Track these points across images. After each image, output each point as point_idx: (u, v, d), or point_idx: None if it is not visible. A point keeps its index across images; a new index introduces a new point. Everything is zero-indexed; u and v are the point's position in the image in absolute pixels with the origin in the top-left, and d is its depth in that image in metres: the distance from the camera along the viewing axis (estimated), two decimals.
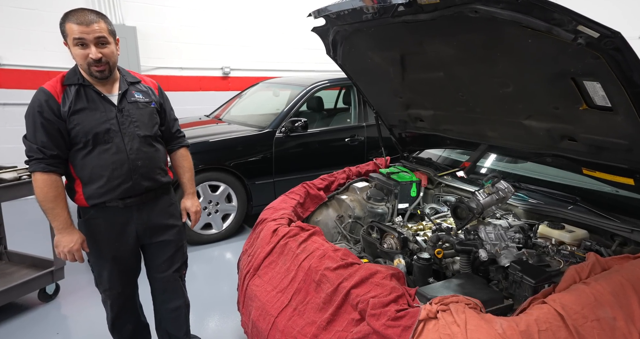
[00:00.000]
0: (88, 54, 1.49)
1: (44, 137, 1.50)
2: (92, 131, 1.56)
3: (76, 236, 1.60)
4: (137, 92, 1.71)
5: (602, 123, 1.38)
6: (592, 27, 1.04)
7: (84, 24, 1.46)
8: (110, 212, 1.66)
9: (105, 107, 1.60)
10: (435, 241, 1.59)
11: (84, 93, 1.57)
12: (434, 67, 1.72)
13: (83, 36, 1.46)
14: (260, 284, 1.73)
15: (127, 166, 1.62)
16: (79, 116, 1.54)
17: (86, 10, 1.50)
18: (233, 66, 7.07)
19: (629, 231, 1.50)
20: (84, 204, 1.64)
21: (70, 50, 1.52)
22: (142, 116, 1.69)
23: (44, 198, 1.53)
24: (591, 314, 1.09)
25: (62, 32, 1.51)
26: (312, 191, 2.24)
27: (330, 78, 4.68)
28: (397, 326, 1.16)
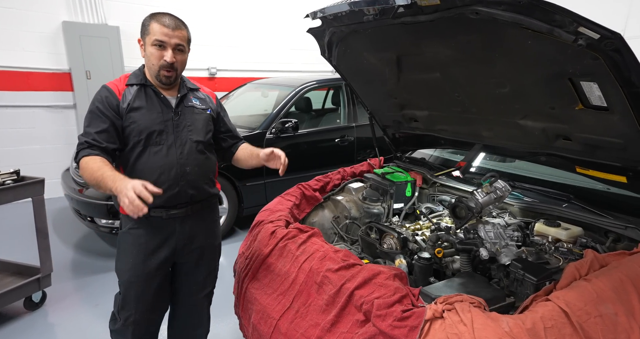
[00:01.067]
0: (163, 55, 1.49)
1: (98, 129, 1.48)
2: (146, 130, 1.53)
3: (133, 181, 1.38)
4: (195, 98, 1.69)
5: (597, 123, 1.41)
6: (592, 29, 1.06)
7: (169, 27, 1.48)
8: (152, 223, 1.58)
9: (162, 108, 1.58)
10: (435, 240, 1.60)
11: (144, 92, 1.56)
12: (430, 67, 1.74)
13: (164, 39, 1.47)
14: (259, 287, 1.72)
15: (175, 170, 1.56)
16: (136, 113, 1.52)
17: (173, 15, 1.53)
18: (220, 67, 7.02)
19: (622, 227, 1.53)
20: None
21: (145, 49, 1.52)
22: (196, 121, 1.65)
23: (91, 174, 1.41)
24: (594, 311, 1.11)
25: (144, 30, 1.51)
26: (308, 192, 2.23)
27: (319, 79, 4.67)
28: (403, 326, 1.16)
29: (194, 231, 1.67)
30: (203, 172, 1.66)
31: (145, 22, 1.51)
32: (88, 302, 2.79)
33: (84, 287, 3.00)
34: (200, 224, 1.69)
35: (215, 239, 1.79)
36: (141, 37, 1.53)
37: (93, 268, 3.28)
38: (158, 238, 1.59)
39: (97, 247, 3.68)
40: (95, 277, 3.14)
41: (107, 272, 3.20)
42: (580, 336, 1.06)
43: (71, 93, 5.19)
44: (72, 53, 5.01)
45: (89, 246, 3.73)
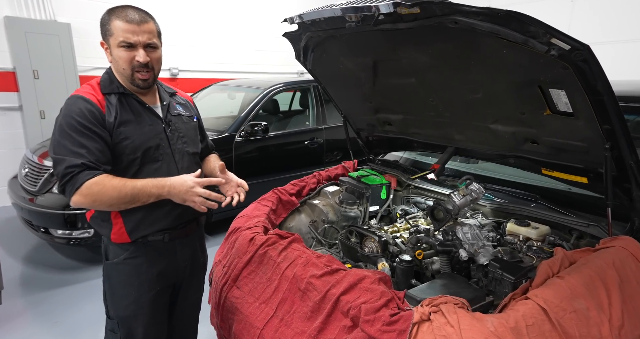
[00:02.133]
0: (134, 57, 1.30)
1: (90, 148, 1.25)
2: (143, 146, 1.35)
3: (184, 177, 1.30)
4: (178, 104, 1.55)
5: (563, 127, 1.50)
6: (564, 40, 1.12)
7: (134, 23, 1.28)
8: (152, 249, 1.43)
9: (151, 119, 1.41)
10: (415, 242, 1.63)
11: (126, 103, 1.37)
12: (406, 73, 1.77)
13: (132, 38, 1.28)
14: (240, 295, 1.68)
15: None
16: (127, 128, 1.33)
17: (135, 7, 1.31)
18: (182, 67, 6.83)
19: (585, 225, 1.63)
20: (124, 239, 1.39)
21: (112, 52, 1.32)
22: (188, 131, 1.53)
23: (116, 192, 1.23)
24: (569, 307, 1.17)
25: (105, 30, 1.31)
26: (284, 196, 2.22)
27: (287, 81, 4.66)
28: (392, 330, 1.18)
29: (193, 249, 1.57)
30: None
31: (104, 22, 1.31)
32: (45, 320, 2.62)
33: (39, 304, 2.80)
34: (197, 242, 1.60)
35: (204, 256, 1.71)
36: (103, 40, 1.34)
37: (48, 283, 3.07)
38: (160, 264, 1.46)
39: (52, 260, 3.45)
40: (51, 292, 2.94)
41: (65, 286, 3.01)
42: (558, 331, 1.11)
43: (16, 94, 4.84)
44: (16, 51, 4.68)
45: (42, 259, 3.48)
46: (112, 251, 1.43)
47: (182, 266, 1.52)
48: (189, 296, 1.62)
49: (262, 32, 7.67)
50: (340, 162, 2.56)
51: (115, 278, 1.43)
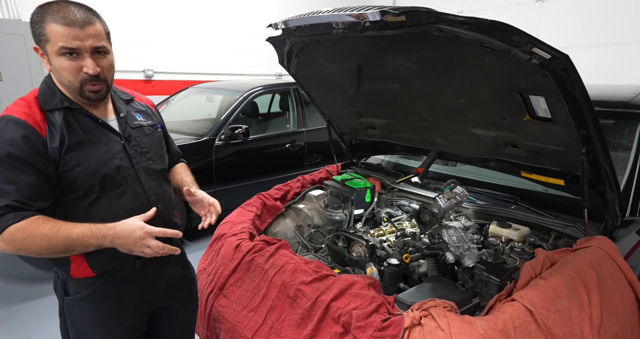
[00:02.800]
0: (82, 67, 1.09)
1: (19, 184, 1.05)
2: (100, 171, 1.16)
3: (131, 225, 1.11)
4: (137, 113, 1.35)
5: (542, 132, 1.55)
6: (545, 49, 1.16)
7: (75, 25, 1.05)
8: (122, 279, 1.25)
9: (107, 137, 1.21)
10: (402, 246, 1.65)
11: (74, 120, 1.15)
12: (390, 79, 1.79)
13: (75, 44, 1.06)
14: (227, 304, 1.66)
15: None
16: (79, 152, 1.13)
17: (72, 4, 1.08)
18: (157, 69, 6.70)
19: (563, 226, 1.69)
20: (87, 274, 1.21)
21: (50, 60, 1.10)
22: (152, 144, 1.33)
23: (46, 240, 1.04)
24: (552, 307, 1.21)
25: (37, 34, 1.08)
26: (269, 201, 2.20)
27: (267, 83, 4.64)
28: (384, 336, 1.19)
29: (169, 271, 1.39)
30: (172, 204, 1.40)
31: (35, 22, 1.07)
32: (16, 336, 2.51)
33: (8, 318, 2.68)
34: (174, 260, 1.40)
35: (190, 272, 1.54)
36: (37, 45, 1.10)
37: (17, 296, 2.92)
38: (133, 294, 1.28)
39: (20, 272, 3.29)
40: (21, 306, 2.81)
41: (35, 299, 2.88)
42: (544, 332, 1.15)
43: None
44: None
45: (8, 270, 3.31)
46: (73, 286, 1.23)
47: (159, 291, 1.35)
48: (179, 317, 1.48)
49: (239, 33, 7.60)
50: (321, 165, 2.56)
51: (78, 315, 1.24)
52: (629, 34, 6.17)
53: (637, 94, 2.18)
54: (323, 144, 4.84)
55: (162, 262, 1.33)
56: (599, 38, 6.42)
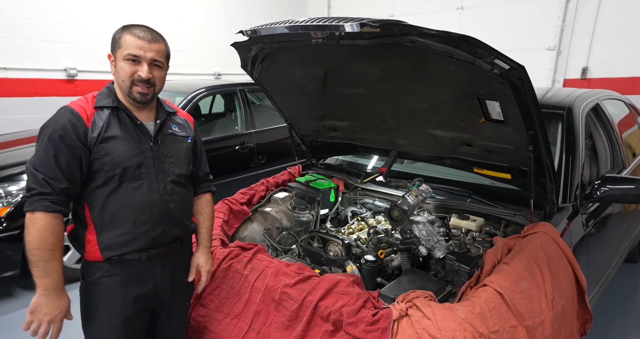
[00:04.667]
0: (137, 71, 1.31)
1: (57, 166, 1.24)
2: (122, 164, 1.31)
3: (64, 302, 1.28)
4: (174, 124, 1.50)
5: (495, 133, 1.72)
6: (505, 61, 1.31)
7: (145, 40, 1.31)
8: (128, 268, 1.36)
9: (139, 136, 1.37)
10: (377, 243, 1.75)
11: (117, 118, 1.34)
12: (356, 84, 1.88)
13: (139, 53, 1.30)
14: (207, 313, 1.64)
15: (159, 208, 1.37)
16: (110, 144, 1.30)
17: (149, 28, 1.36)
18: (80, 67, 6.18)
19: (512, 215, 1.90)
20: (97, 257, 1.34)
21: (116, 64, 1.33)
22: (178, 151, 1.47)
23: (41, 246, 1.21)
24: (517, 288, 1.37)
25: (115, 43, 1.33)
26: (235, 206, 2.19)
27: (210, 85, 4.52)
28: (376, 329, 1.27)
29: (175, 270, 1.49)
30: (186, 208, 1.52)
31: (116, 35, 1.34)
32: None
33: None
34: (180, 262, 1.52)
35: (194, 276, 1.59)
36: (111, 52, 1.35)
37: None
38: (136, 285, 1.38)
39: None
40: None
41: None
42: (513, 311, 1.30)
43: None
44: None
45: None
46: (87, 269, 1.38)
47: (161, 288, 1.44)
48: (176, 320, 1.54)
49: (173, 30, 7.28)
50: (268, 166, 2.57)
51: (88, 298, 1.37)
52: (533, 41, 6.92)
53: (543, 96, 2.46)
54: (273, 144, 4.84)
55: (167, 261, 1.45)
56: (511, 44, 7.09)
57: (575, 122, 2.18)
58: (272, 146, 4.81)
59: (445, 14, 7.79)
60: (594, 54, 6.69)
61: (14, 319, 2.70)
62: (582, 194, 1.97)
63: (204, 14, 7.65)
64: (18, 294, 2.98)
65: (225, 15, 7.93)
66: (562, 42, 6.90)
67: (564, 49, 6.88)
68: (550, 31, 6.90)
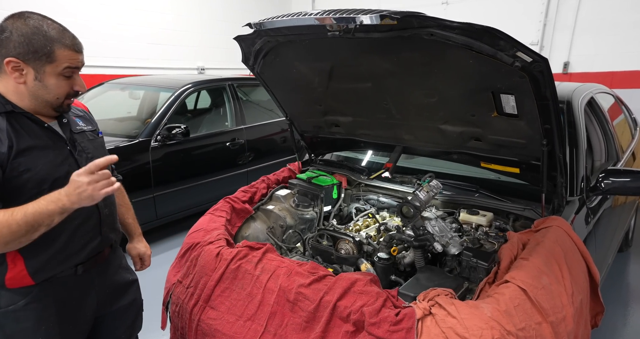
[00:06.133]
0: (73, 85, 1.18)
1: None
2: (50, 177, 1.15)
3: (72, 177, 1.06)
4: (77, 118, 1.34)
5: (507, 127, 1.71)
6: (527, 53, 1.28)
7: (79, 51, 1.17)
8: (62, 286, 1.24)
9: (53, 142, 1.20)
10: (389, 240, 1.72)
11: (19, 125, 1.14)
12: (363, 78, 1.83)
13: (77, 65, 1.17)
14: (217, 316, 1.58)
15: (96, 217, 1.28)
16: (28, 158, 1.11)
17: (66, 28, 1.17)
18: None
19: (521, 209, 1.89)
20: (25, 282, 1.18)
21: (42, 79, 1.12)
22: (96, 150, 1.34)
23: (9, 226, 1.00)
24: (538, 284, 1.36)
25: (39, 55, 1.09)
26: (237, 205, 2.13)
27: (199, 80, 4.40)
28: (400, 329, 1.24)
29: (112, 276, 1.42)
30: (116, 209, 1.44)
31: (40, 45, 1.09)
32: None
33: None
34: (115, 264, 1.45)
35: (132, 274, 1.56)
36: (27, 62, 1.10)
37: None
38: (73, 300, 1.27)
39: None
40: None
41: None
42: (537, 307, 1.29)
43: None
44: None
45: None
46: (6, 297, 1.19)
47: (103, 296, 1.36)
48: (123, 322, 1.47)
49: (152, 23, 7.07)
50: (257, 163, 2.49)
51: (12, 327, 1.20)
52: (516, 35, 6.99)
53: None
54: (264, 141, 4.76)
55: (104, 267, 1.36)
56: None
57: (576, 115, 2.19)
58: (263, 142, 4.73)
59: (430, 9, 7.78)
60: (575, 49, 6.83)
61: None
62: (587, 187, 1.98)
63: (185, 6, 7.45)
64: None
65: (207, 8, 7.76)
66: (544, 37, 7.02)
67: (547, 44, 7.00)
68: (533, 26, 7.01)
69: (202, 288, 1.67)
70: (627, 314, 2.74)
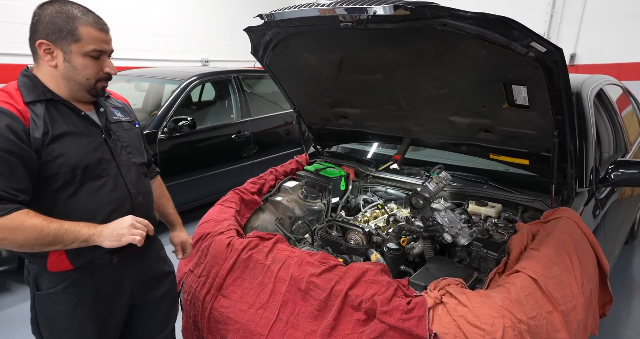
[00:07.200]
0: (103, 67, 1.19)
1: (4, 173, 1.05)
2: (82, 163, 1.18)
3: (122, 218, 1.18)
4: (115, 109, 1.37)
5: (517, 118, 1.71)
6: (541, 43, 1.28)
7: (104, 30, 1.18)
8: (98, 273, 1.27)
9: (89, 129, 1.23)
10: (398, 231, 1.73)
11: (56, 112, 1.17)
12: (373, 69, 1.83)
13: (104, 47, 1.18)
14: (229, 304, 1.60)
15: (129, 204, 1.29)
16: (61, 144, 1.15)
17: (90, 10, 1.19)
18: None
19: (531, 200, 1.90)
20: (64, 267, 1.22)
21: (70, 59, 1.15)
22: (131, 139, 1.36)
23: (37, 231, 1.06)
24: (549, 274, 1.37)
25: (64, 34, 1.12)
26: (246, 196, 2.14)
27: (204, 72, 4.39)
28: (412, 318, 1.25)
29: (147, 266, 1.43)
30: (151, 198, 1.45)
31: (63, 23, 1.12)
32: None
33: None
34: (152, 255, 1.46)
35: (169, 266, 1.57)
36: (52, 42, 1.13)
37: None
38: (109, 288, 1.31)
39: None
40: None
41: None
42: (548, 297, 1.30)
43: None
44: None
45: None
46: (47, 280, 1.24)
47: (136, 284, 1.38)
48: (158, 313, 1.50)
49: (158, 15, 7.04)
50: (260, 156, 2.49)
51: (52, 309, 1.25)
52: None
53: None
54: (270, 133, 4.76)
55: (139, 257, 1.38)
56: None
57: (585, 107, 2.18)
58: (268, 134, 4.74)
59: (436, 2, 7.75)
60: (582, 41, 6.76)
61: (12, 314, 2.61)
62: (596, 179, 1.98)
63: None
64: (15, 289, 2.88)
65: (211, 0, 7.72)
66: (551, 28, 6.95)
67: (553, 35, 6.93)
68: (540, 18, 6.93)
69: (213, 277, 1.69)
70: (631, 305, 2.75)
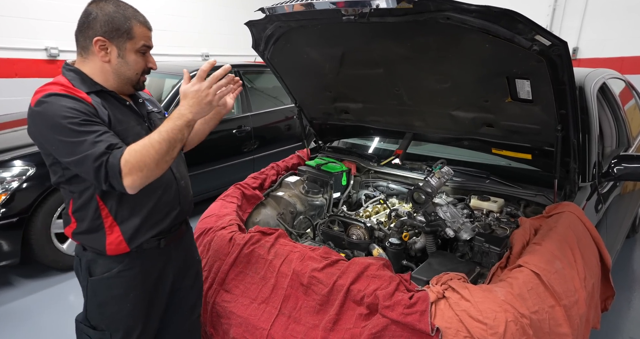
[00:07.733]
0: (147, 62, 1.27)
1: (101, 131, 1.13)
2: None
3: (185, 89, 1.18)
4: (146, 101, 1.43)
5: (520, 112, 1.69)
6: (546, 37, 1.26)
7: (150, 28, 1.26)
8: (147, 258, 1.33)
9: (135, 118, 1.31)
10: (400, 226, 1.73)
11: (107, 101, 1.24)
12: (375, 64, 1.81)
13: (150, 43, 1.26)
14: (231, 299, 1.61)
15: (175, 187, 1.36)
16: (122, 129, 1.23)
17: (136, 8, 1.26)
18: (63, 47, 5.87)
19: (533, 195, 1.89)
20: (121, 249, 1.27)
21: (124, 56, 1.22)
22: None
23: (154, 147, 1.10)
24: (551, 268, 1.37)
25: (120, 33, 1.20)
26: (248, 191, 2.14)
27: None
28: (414, 312, 1.25)
29: (186, 252, 1.50)
30: (190, 184, 1.50)
31: (121, 23, 1.19)
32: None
33: None
34: (189, 241, 1.53)
35: (198, 254, 1.63)
36: (108, 39, 1.19)
37: None
38: (156, 272, 1.37)
39: None
40: None
41: None
42: (550, 291, 1.30)
43: None
44: None
45: None
46: (102, 265, 1.29)
47: (176, 270, 1.45)
48: (189, 299, 1.54)
49: (158, 9, 6.99)
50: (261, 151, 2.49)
51: (106, 293, 1.31)
52: None
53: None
54: (270, 128, 4.75)
55: (179, 242, 1.44)
56: None
57: (588, 101, 2.17)
58: (269, 129, 4.72)
59: None
60: (584, 34, 6.70)
61: (14, 309, 2.62)
62: (599, 173, 1.98)
63: None
64: (18, 283, 2.89)
65: None
66: (553, 22, 6.89)
67: (556, 29, 6.87)
68: (543, 11, 6.88)
69: (216, 271, 1.69)
70: (632, 299, 2.76)
